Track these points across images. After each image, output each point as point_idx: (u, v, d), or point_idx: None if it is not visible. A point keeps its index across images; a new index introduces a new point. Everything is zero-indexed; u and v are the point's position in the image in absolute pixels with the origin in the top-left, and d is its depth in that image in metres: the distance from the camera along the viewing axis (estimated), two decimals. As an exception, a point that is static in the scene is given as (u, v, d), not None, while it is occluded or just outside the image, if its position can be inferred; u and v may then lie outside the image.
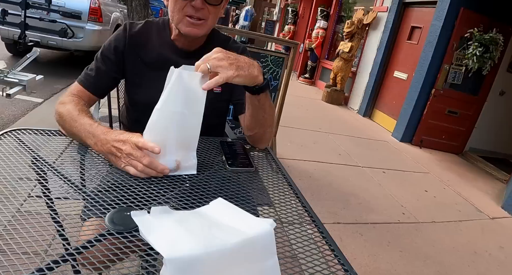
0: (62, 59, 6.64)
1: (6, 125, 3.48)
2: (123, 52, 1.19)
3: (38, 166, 0.97)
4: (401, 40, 5.84)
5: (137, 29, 1.21)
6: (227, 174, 1.11)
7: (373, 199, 3.03)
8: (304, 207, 1.11)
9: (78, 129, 1.00)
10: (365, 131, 5.27)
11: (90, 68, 1.18)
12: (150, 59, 1.21)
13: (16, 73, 3.20)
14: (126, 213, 0.80)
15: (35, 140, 1.10)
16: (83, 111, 1.04)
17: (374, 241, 2.40)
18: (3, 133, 1.09)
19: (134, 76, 1.22)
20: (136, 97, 1.26)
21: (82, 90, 1.16)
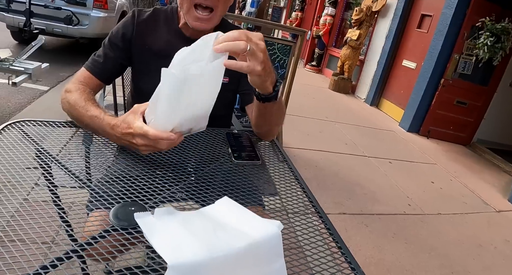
0: (68, 47, 6.62)
1: (13, 114, 3.49)
2: (131, 39, 1.18)
3: (42, 158, 0.97)
4: (411, 29, 5.74)
5: (145, 17, 1.20)
6: (233, 167, 1.10)
7: (379, 189, 3.02)
8: (309, 197, 1.11)
9: (87, 122, 1.00)
10: (372, 121, 5.23)
11: (98, 54, 1.17)
12: (158, 47, 1.20)
13: (21, 61, 3.19)
14: (131, 208, 0.80)
15: (39, 131, 1.10)
16: (89, 100, 1.03)
17: (379, 232, 2.40)
18: (7, 125, 1.08)
19: (140, 64, 1.22)
20: (142, 85, 1.26)
21: (89, 76, 1.15)
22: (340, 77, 6.77)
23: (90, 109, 0.99)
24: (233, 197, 0.99)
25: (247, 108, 1.29)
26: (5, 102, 3.75)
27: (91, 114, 0.98)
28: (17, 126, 1.10)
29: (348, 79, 6.78)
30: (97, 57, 1.17)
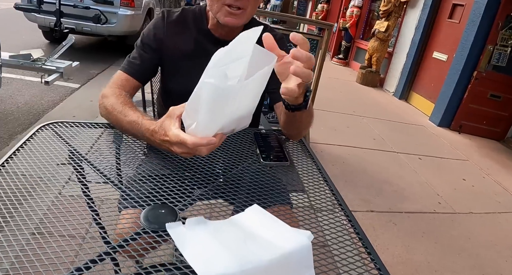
0: (97, 45, 6.78)
1: (46, 111, 3.62)
2: (162, 39, 1.20)
3: (74, 159, 1.01)
4: (441, 19, 5.56)
5: (175, 17, 1.22)
6: (261, 167, 1.11)
7: (408, 186, 2.96)
8: (335, 196, 1.10)
9: (126, 127, 0.99)
10: (401, 115, 5.12)
11: (133, 56, 1.19)
12: (187, 47, 1.22)
13: (53, 60, 3.30)
14: (161, 210, 0.82)
15: (70, 132, 1.14)
16: (126, 104, 1.03)
17: (408, 231, 2.36)
18: (41, 126, 1.14)
19: (170, 64, 1.23)
20: (171, 85, 1.28)
21: (126, 78, 1.16)
22: (367, 70, 6.65)
23: (128, 114, 0.98)
24: (261, 197, 1.00)
25: (276, 107, 1.30)
26: (39, 100, 3.89)
27: (130, 120, 0.96)
28: (50, 128, 1.15)
29: (376, 72, 6.64)
30: (133, 59, 1.18)
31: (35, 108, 3.67)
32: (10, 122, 3.30)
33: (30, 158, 0.98)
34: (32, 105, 3.72)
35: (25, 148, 1.04)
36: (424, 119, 5.14)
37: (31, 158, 0.98)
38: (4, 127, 3.19)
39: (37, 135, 1.10)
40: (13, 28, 6.33)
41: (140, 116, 0.95)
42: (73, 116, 3.54)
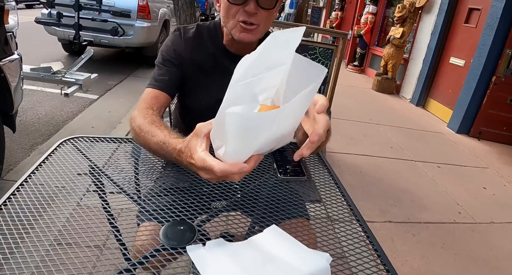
0: (114, 56, 6.92)
1: (65, 122, 3.70)
2: (182, 55, 1.21)
3: (94, 174, 1.03)
4: (458, 24, 5.49)
5: (191, 34, 1.23)
6: (278, 182, 1.11)
7: (426, 196, 2.92)
8: (350, 207, 1.10)
9: (155, 149, 0.93)
10: (418, 122, 5.05)
11: (158, 73, 1.19)
12: (205, 64, 1.23)
13: (72, 73, 3.39)
14: (179, 227, 0.83)
15: (89, 146, 1.17)
16: (153, 123, 0.98)
17: (427, 242, 2.31)
18: (62, 142, 1.18)
19: (189, 80, 1.24)
20: (188, 101, 1.29)
21: (155, 95, 1.14)
22: (383, 77, 6.60)
23: (156, 134, 0.92)
24: (278, 209, 1.00)
25: None
26: (59, 111, 3.98)
27: (157, 140, 0.90)
28: (71, 142, 1.19)
29: (392, 79, 6.59)
30: (159, 75, 1.19)
31: (55, 119, 3.76)
32: (31, 133, 3.39)
33: (51, 172, 1.01)
34: (52, 116, 3.81)
35: (47, 163, 1.07)
36: (442, 126, 5.06)
37: (52, 172, 1.01)
38: (25, 138, 3.27)
39: (58, 150, 1.13)
40: (34, 41, 6.51)
41: (167, 135, 0.89)
42: (92, 127, 3.61)
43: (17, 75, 2.38)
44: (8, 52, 2.25)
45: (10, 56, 2.28)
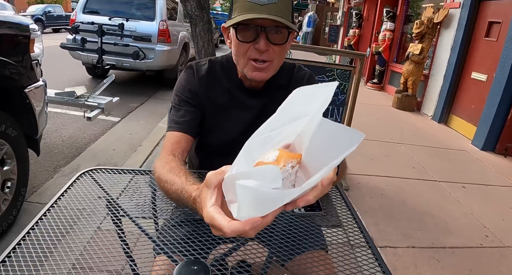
0: (136, 79, 7.09)
1: (88, 145, 3.78)
2: (198, 94, 1.19)
3: (110, 208, 1.04)
4: (478, 38, 5.41)
5: (204, 71, 1.21)
6: (294, 216, 1.10)
7: (451, 218, 2.82)
8: (362, 232, 1.08)
9: (175, 198, 0.87)
10: (441, 140, 4.94)
11: (177, 115, 1.15)
12: (221, 100, 1.21)
13: (95, 97, 3.48)
14: (193, 267, 0.82)
15: (107, 178, 1.19)
16: (171, 171, 0.92)
17: (453, 269, 2.22)
18: (81, 174, 1.19)
19: (207, 119, 1.21)
20: (205, 140, 1.26)
21: (177, 140, 1.10)
22: (403, 94, 6.52)
23: (174, 182, 0.86)
24: (295, 240, 0.98)
25: None
26: (82, 133, 4.07)
27: (175, 189, 0.85)
28: (89, 174, 1.21)
29: (413, 95, 6.50)
30: (178, 117, 1.15)
31: (78, 141, 3.84)
32: (55, 155, 3.47)
33: (68, 204, 1.02)
34: (76, 139, 3.90)
35: (65, 196, 1.09)
36: (466, 143, 4.93)
37: (69, 205, 1.02)
38: (49, 160, 3.35)
39: (76, 182, 1.15)
40: (60, 65, 6.74)
41: (184, 182, 0.83)
42: (113, 150, 3.68)
43: (42, 101, 2.46)
44: (33, 79, 2.33)
45: (36, 83, 2.35)
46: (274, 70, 1.13)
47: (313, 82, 1.27)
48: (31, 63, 2.26)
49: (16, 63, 2.12)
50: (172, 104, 1.19)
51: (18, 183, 2.33)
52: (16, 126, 2.23)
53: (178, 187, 0.83)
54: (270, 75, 1.12)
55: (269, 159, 0.54)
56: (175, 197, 0.84)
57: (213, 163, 1.29)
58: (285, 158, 0.54)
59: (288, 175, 0.54)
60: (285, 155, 0.55)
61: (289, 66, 1.28)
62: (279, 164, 0.53)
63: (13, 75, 2.12)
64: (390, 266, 2.21)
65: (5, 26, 2.10)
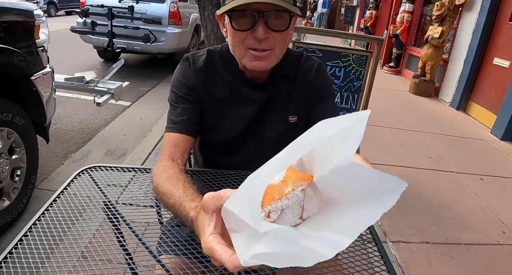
0: (147, 63, 7.03)
1: (98, 130, 3.77)
2: (195, 89, 1.09)
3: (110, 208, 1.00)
4: (502, 22, 5.15)
5: (202, 63, 1.11)
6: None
7: (468, 213, 2.73)
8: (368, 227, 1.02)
9: (173, 212, 0.80)
10: (459, 128, 4.79)
11: (174, 113, 1.08)
12: (221, 94, 1.11)
13: (105, 82, 3.44)
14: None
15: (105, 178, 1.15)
16: (169, 180, 0.87)
17: (468, 267, 2.15)
18: (79, 172, 1.15)
19: (207, 115, 1.12)
20: (207, 137, 1.18)
21: (175, 143, 1.03)
22: (421, 79, 6.33)
23: (172, 195, 0.80)
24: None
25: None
26: (92, 118, 4.06)
27: (173, 203, 0.79)
28: (87, 173, 1.16)
29: (431, 81, 6.30)
30: (175, 116, 1.07)
31: (89, 126, 3.83)
32: (66, 141, 3.47)
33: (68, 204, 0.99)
34: (86, 124, 3.89)
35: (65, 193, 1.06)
36: (485, 132, 4.77)
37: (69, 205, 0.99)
38: (60, 146, 3.35)
39: (74, 182, 1.11)
40: (71, 49, 6.72)
41: (182, 196, 0.77)
42: (124, 135, 3.66)
43: (49, 88, 2.42)
44: (39, 66, 2.28)
45: (42, 70, 2.31)
46: (276, 59, 1.02)
47: (323, 72, 1.17)
48: (37, 50, 2.21)
49: (21, 51, 2.07)
50: (169, 102, 1.12)
51: (27, 171, 2.33)
52: (23, 114, 2.21)
53: (176, 202, 0.77)
54: (272, 64, 1.02)
55: (274, 179, 0.48)
56: (173, 212, 0.78)
57: (217, 161, 1.24)
58: (293, 179, 0.47)
59: (297, 199, 0.47)
60: (294, 176, 0.47)
61: (296, 55, 1.18)
62: (286, 186, 0.46)
63: (18, 63, 2.08)
64: (403, 262, 2.16)
65: (9, 12, 2.05)
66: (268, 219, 0.46)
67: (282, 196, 0.45)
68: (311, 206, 0.50)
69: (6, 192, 2.16)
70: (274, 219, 0.47)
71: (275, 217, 0.47)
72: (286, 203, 0.46)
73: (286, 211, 0.48)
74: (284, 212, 0.48)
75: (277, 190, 0.46)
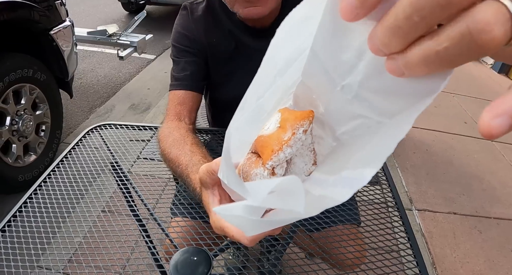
0: (172, 14, 6.78)
1: (123, 84, 3.75)
2: (196, 40, 0.99)
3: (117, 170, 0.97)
4: None
5: (201, 12, 0.99)
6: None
7: (501, 185, 2.58)
8: (392, 193, 0.99)
9: (183, 181, 0.76)
10: (499, 93, 4.27)
11: (177, 69, 1.00)
12: (225, 46, 1.00)
13: (128, 35, 3.37)
14: (193, 257, 0.72)
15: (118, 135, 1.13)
16: (174, 144, 0.83)
17: (495, 242, 2.05)
18: (88, 131, 1.12)
19: (211, 69, 1.04)
20: (212, 94, 1.11)
21: (180, 101, 0.96)
22: (463, 37, 5.89)
23: (179, 163, 0.76)
24: (323, 215, 0.88)
25: None
26: (117, 72, 4.04)
27: (180, 172, 0.75)
28: (97, 131, 1.14)
29: (473, 39, 5.87)
30: (179, 72, 0.99)
31: (113, 81, 3.82)
32: (91, 95, 3.48)
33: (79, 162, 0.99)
34: (111, 78, 3.87)
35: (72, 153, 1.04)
36: (529, 97, 4.44)
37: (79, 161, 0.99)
38: (85, 101, 3.37)
39: (82, 141, 1.09)
40: (94, 2, 6.59)
41: (188, 165, 0.73)
42: (148, 89, 3.63)
43: (70, 42, 2.37)
44: (58, 20, 2.22)
45: (61, 24, 2.25)
46: (274, 2, 0.87)
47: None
48: (55, 3, 2.14)
49: (38, 5, 2.01)
50: (171, 57, 1.03)
51: (52, 126, 2.36)
52: (44, 70, 2.19)
53: (183, 172, 0.73)
54: (269, 8, 0.86)
55: (269, 128, 0.38)
56: (182, 181, 0.74)
57: (225, 119, 1.17)
58: (291, 122, 0.37)
59: (302, 144, 0.38)
60: (291, 117, 0.38)
61: None
62: (285, 131, 0.37)
63: (36, 17, 2.02)
64: (427, 232, 2.09)
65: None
66: (273, 177, 0.38)
67: (282, 144, 0.37)
68: (324, 146, 0.41)
69: (32, 147, 2.20)
70: (282, 174, 0.39)
71: (282, 172, 0.39)
72: (290, 152, 0.37)
73: (295, 161, 0.40)
74: (293, 163, 0.40)
75: (275, 139, 0.37)
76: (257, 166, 0.39)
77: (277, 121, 0.38)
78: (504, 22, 0.18)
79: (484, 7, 0.18)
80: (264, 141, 0.38)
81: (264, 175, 0.38)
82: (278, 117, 0.38)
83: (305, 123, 0.37)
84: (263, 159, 0.38)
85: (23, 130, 2.06)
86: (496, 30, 0.18)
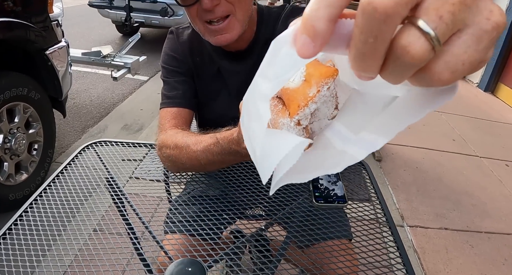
0: (165, 37, 6.90)
1: (116, 104, 3.77)
2: (183, 61, 1.04)
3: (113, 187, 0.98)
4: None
5: (186, 36, 1.04)
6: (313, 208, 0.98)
7: (490, 200, 2.62)
8: (382, 209, 1.00)
9: (203, 158, 0.80)
10: (486, 111, 4.58)
11: (168, 88, 1.03)
12: (208, 68, 1.05)
13: (121, 56, 3.42)
14: (187, 268, 0.73)
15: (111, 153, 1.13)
16: (188, 135, 0.87)
17: (487, 256, 2.07)
18: (83, 147, 1.13)
19: (199, 90, 1.08)
20: (202, 113, 1.14)
21: (174, 116, 0.98)
22: (448, 58, 6.06)
23: (201, 140, 0.80)
24: (315, 228, 0.89)
25: None
26: (110, 93, 4.06)
27: (204, 146, 0.78)
28: (92, 148, 1.15)
29: (458, 60, 6.03)
30: (168, 91, 1.02)
31: (106, 101, 3.84)
32: (83, 115, 3.49)
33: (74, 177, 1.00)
34: (104, 99, 3.89)
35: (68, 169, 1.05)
36: (514, 116, 4.56)
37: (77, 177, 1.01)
38: (78, 121, 3.37)
39: (78, 157, 1.10)
40: (91, 24, 6.69)
41: (213, 136, 0.77)
42: (141, 110, 3.65)
43: (65, 62, 2.40)
44: (54, 40, 2.26)
45: (57, 44, 2.29)
46: (241, 25, 0.90)
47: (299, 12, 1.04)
48: (51, 24, 2.18)
49: (35, 25, 2.04)
50: (161, 78, 1.07)
51: (44, 145, 2.36)
52: (39, 89, 2.21)
53: (208, 141, 0.77)
54: (237, 33, 0.90)
55: (294, 80, 0.41)
56: (205, 157, 0.78)
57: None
58: (316, 79, 0.40)
59: (326, 98, 0.41)
60: (317, 73, 0.40)
61: (276, 12, 1.04)
62: (310, 86, 0.40)
63: (33, 37, 2.06)
64: (419, 248, 2.11)
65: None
66: (299, 127, 0.42)
67: (308, 101, 0.40)
68: (345, 92, 0.43)
69: (24, 166, 2.19)
70: (306, 125, 0.42)
71: (306, 122, 0.42)
72: (315, 107, 0.41)
73: (320, 108, 0.42)
74: (318, 109, 0.42)
75: (301, 94, 0.40)
76: (284, 115, 0.42)
77: (302, 74, 0.41)
78: (417, 40, 0.22)
79: (402, 34, 0.22)
80: (290, 94, 0.41)
81: (291, 125, 0.42)
82: (304, 70, 0.41)
83: (329, 81, 0.40)
84: (290, 112, 0.41)
85: (15, 148, 2.06)
86: (412, 50, 0.22)
